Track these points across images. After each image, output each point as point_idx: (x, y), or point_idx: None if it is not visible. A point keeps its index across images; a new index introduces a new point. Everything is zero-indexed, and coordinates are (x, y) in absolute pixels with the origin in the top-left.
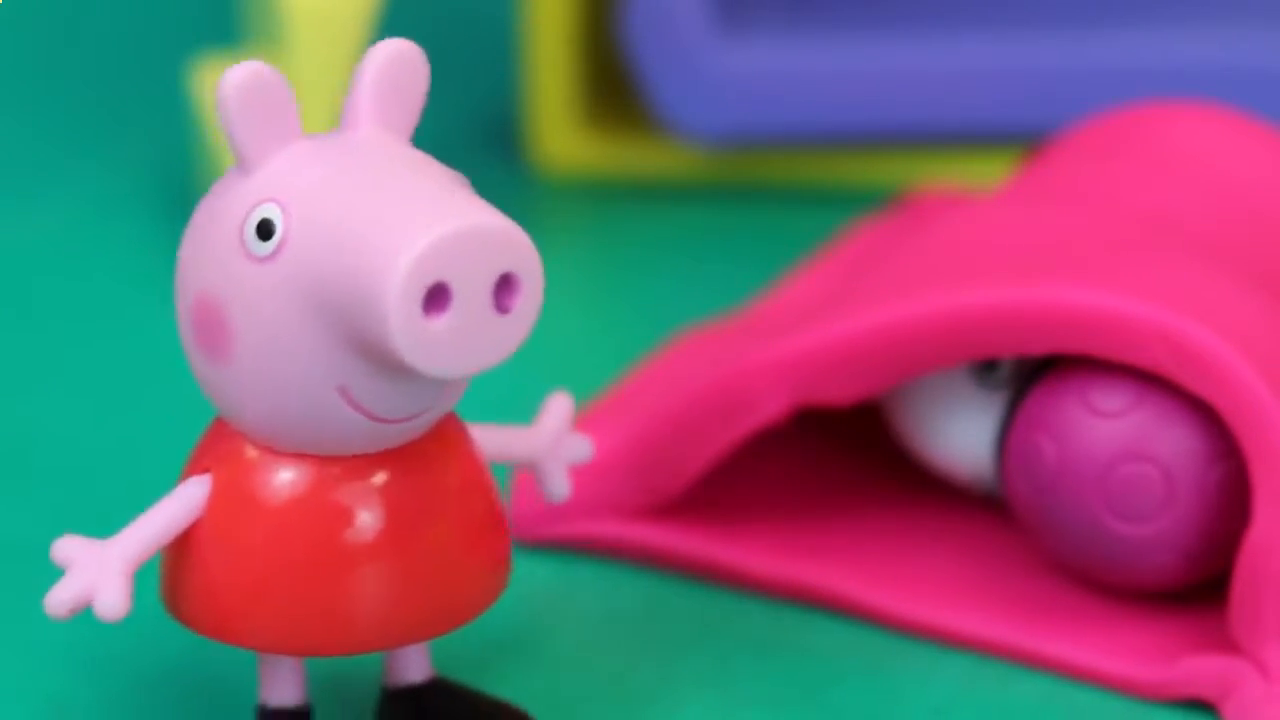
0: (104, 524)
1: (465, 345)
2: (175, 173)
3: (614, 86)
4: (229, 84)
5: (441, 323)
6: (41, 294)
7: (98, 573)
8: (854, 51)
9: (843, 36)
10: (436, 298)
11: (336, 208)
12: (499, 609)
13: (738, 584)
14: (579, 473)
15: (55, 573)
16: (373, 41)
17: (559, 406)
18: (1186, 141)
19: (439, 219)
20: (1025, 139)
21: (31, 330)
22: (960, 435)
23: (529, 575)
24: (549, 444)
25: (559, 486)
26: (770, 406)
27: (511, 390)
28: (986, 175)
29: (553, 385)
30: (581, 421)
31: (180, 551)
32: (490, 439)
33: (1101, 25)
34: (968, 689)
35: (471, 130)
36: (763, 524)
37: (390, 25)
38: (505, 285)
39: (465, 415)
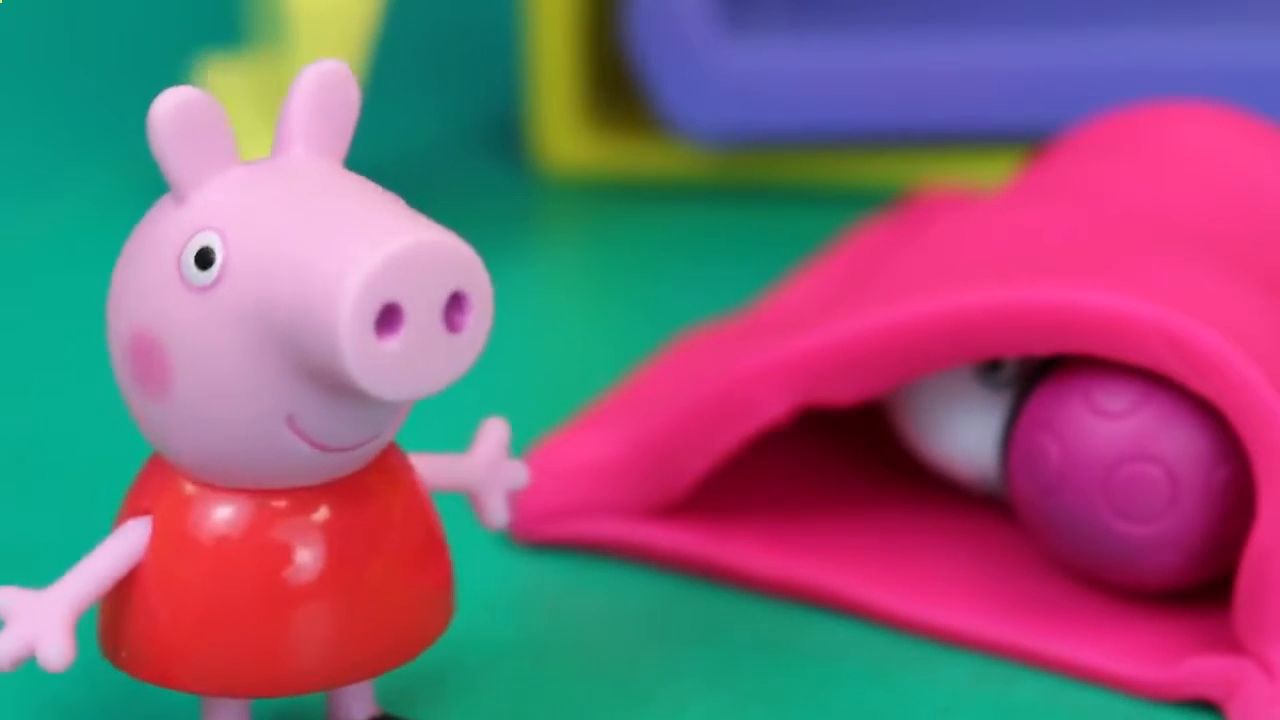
0: (104, 524)
1: (417, 366)
2: None
3: (617, 86)
4: (159, 111)
5: (394, 344)
6: (43, 294)
7: (38, 623)
8: (857, 51)
9: (846, 37)
10: (388, 318)
11: (278, 233)
12: (503, 610)
13: (742, 584)
14: (583, 473)
15: (55, 572)
16: (373, 41)
17: (494, 432)
18: (1189, 141)
19: (387, 238)
20: (1028, 139)
21: (33, 330)
22: (964, 435)
23: (533, 575)
24: (485, 472)
25: (497, 515)
26: (774, 407)
27: (513, 391)
28: (989, 175)
29: (556, 386)
30: (585, 422)
31: (119, 596)
32: (425, 467)
33: (1103, 25)
34: (972, 689)
35: (474, 131)
36: (767, 524)
37: (392, 25)
38: (456, 304)
39: (463, 419)
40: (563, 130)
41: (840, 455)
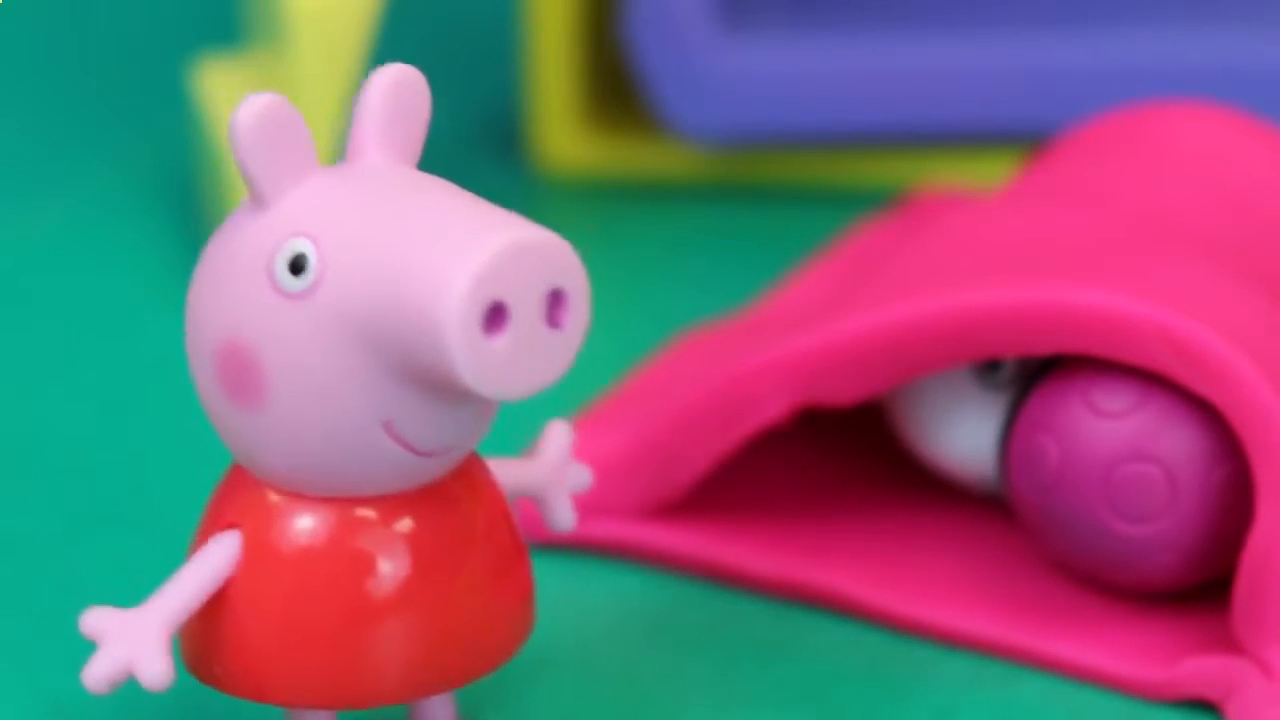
0: (105, 524)
1: (523, 364)
2: (177, 173)
3: (616, 86)
4: (244, 118)
5: (501, 342)
6: (43, 294)
7: (136, 644)
8: (856, 51)
9: (845, 37)
10: (495, 317)
11: (373, 236)
12: None
13: (741, 585)
14: None
15: (55, 572)
16: (373, 41)
17: (559, 435)
18: (1188, 141)
19: (490, 235)
20: (1027, 139)
21: (33, 331)
22: (963, 436)
23: (533, 575)
24: (551, 474)
25: (563, 517)
26: (773, 407)
27: None
28: (988, 175)
29: (555, 386)
30: (584, 422)
31: (210, 612)
32: (496, 471)
33: (1103, 25)
34: (970, 689)
35: (473, 130)
36: (765, 525)
37: (392, 25)
38: (555, 301)
39: None
40: (563, 130)
41: (840, 455)
